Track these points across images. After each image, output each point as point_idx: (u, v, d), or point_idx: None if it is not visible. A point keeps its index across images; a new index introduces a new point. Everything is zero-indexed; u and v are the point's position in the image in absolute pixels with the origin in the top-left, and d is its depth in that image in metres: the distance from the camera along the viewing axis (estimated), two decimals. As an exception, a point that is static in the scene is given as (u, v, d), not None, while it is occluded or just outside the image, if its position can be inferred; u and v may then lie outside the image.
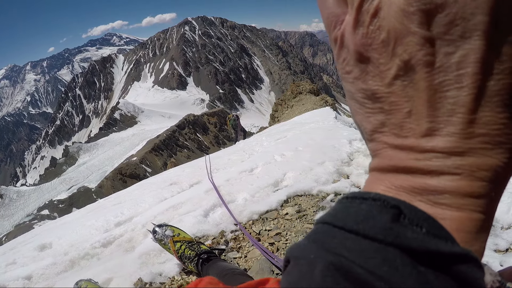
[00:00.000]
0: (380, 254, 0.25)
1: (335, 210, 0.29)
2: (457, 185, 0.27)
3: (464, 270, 0.24)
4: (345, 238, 0.26)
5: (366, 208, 0.27)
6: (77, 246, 3.07)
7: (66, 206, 53.95)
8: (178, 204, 3.55)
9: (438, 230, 0.26)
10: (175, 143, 60.81)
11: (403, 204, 0.27)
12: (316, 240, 0.28)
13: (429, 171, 0.28)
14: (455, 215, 0.27)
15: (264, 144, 6.23)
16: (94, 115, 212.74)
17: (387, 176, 0.31)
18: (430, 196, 0.28)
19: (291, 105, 19.18)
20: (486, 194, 0.27)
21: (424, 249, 0.24)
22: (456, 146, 0.27)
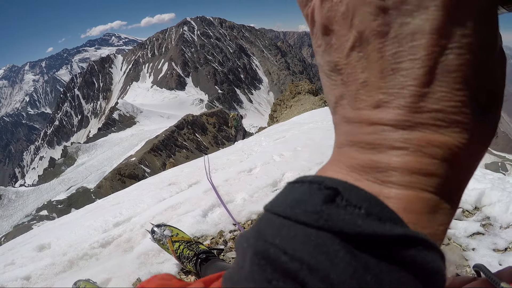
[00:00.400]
0: (311, 240, 0.23)
1: (276, 196, 0.28)
2: (403, 161, 0.26)
3: (411, 254, 0.23)
4: (280, 225, 0.25)
5: (301, 191, 0.26)
6: (75, 247, 3.07)
7: (65, 206, 53.93)
8: (176, 204, 3.55)
9: (380, 210, 0.24)
10: (174, 144, 60.81)
11: (341, 185, 0.25)
12: (255, 228, 0.27)
13: (376, 145, 0.27)
14: (402, 193, 0.26)
15: (263, 144, 6.23)
16: (93, 116, 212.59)
17: (340, 152, 0.30)
18: (378, 174, 0.27)
19: (290, 105, 19.22)
20: (439, 173, 0.26)
21: (358, 232, 0.23)
22: (405, 120, 0.26)
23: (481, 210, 3.69)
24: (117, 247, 2.97)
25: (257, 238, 0.26)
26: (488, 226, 3.26)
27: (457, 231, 3.36)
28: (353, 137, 0.29)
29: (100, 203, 5.54)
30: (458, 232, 3.34)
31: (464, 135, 0.26)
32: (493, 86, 0.26)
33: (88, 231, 3.43)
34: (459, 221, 3.54)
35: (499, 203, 3.55)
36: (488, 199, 3.73)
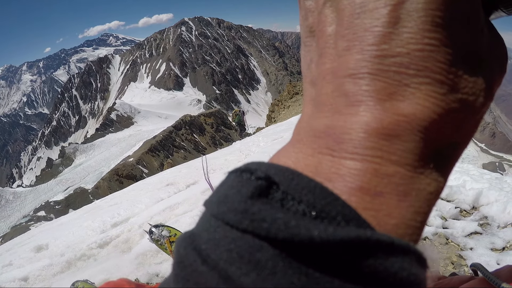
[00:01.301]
0: (236, 246, 0.19)
1: (216, 188, 0.23)
2: (359, 120, 0.21)
3: (370, 264, 0.17)
4: (210, 225, 0.20)
5: (230, 184, 0.21)
6: (73, 247, 3.07)
7: (62, 207, 53.80)
8: (174, 204, 3.55)
9: (327, 204, 0.19)
10: (172, 144, 60.68)
11: (279, 173, 0.20)
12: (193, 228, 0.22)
13: (334, 105, 0.23)
14: (360, 168, 0.20)
15: (261, 145, 6.24)
16: (91, 116, 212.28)
17: (299, 126, 0.26)
18: (331, 142, 0.21)
19: (288, 106, 19.24)
20: (406, 137, 0.21)
21: (290, 237, 0.18)
22: (364, 66, 0.22)
23: (478, 209, 3.70)
24: (115, 247, 2.97)
25: (185, 241, 0.21)
26: (486, 225, 3.27)
27: (455, 230, 3.36)
28: (314, 101, 0.25)
29: (98, 203, 5.54)
30: (456, 231, 3.35)
31: (438, 88, 0.21)
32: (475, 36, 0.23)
33: (86, 231, 3.43)
34: (457, 220, 3.55)
35: (497, 202, 3.57)
36: (486, 198, 3.74)
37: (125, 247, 2.94)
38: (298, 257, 0.18)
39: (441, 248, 3.11)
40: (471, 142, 4.48)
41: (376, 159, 0.20)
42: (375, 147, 0.20)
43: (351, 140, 0.21)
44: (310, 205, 0.19)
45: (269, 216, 0.18)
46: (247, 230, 0.18)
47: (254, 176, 0.20)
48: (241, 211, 0.19)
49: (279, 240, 0.18)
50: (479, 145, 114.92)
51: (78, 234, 3.45)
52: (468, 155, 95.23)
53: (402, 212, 0.20)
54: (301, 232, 0.18)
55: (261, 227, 0.18)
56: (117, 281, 0.53)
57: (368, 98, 0.21)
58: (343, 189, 0.20)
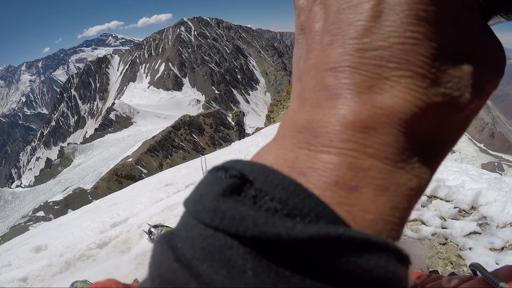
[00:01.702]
0: (208, 244, 0.18)
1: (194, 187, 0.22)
2: (337, 113, 0.21)
3: (344, 261, 0.17)
4: (187, 223, 0.20)
5: (207, 182, 0.21)
6: (72, 248, 3.07)
7: (61, 207, 53.73)
8: (173, 205, 3.55)
9: (299, 200, 0.18)
10: (171, 144, 60.63)
11: (254, 168, 0.20)
12: (175, 227, 0.22)
13: (315, 99, 0.22)
14: (335, 161, 0.20)
15: (260, 145, 6.21)
16: (90, 116, 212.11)
17: (283, 123, 0.25)
18: (309, 137, 0.21)
19: (287, 106, 19.23)
20: (385, 131, 0.20)
21: (258, 234, 0.18)
22: (345, 59, 0.21)
23: (477, 209, 3.70)
24: (114, 248, 2.96)
25: (163, 239, 0.21)
26: (485, 225, 3.28)
27: (454, 230, 3.37)
28: (299, 97, 0.24)
29: (97, 204, 5.53)
30: (455, 231, 3.35)
31: (419, 82, 0.21)
32: (462, 27, 0.22)
33: (85, 232, 3.42)
34: (456, 220, 3.56)
35: (496, 202, 3.57)
36: (485, 198, 3.75)
37: (124, 247, 2.94)
38: (268, 255, 0.17)
39: (440, 248, 3.11)
40: (470, 142, 4.50)
41: (352, 152, 0.20)
42: (351, 140, 0.20)
43: (327, 133, 0.20)
44: (282, 202, 0.18)
45: (238, 213, 0.18)
46: (218, 228, 0.18)
47: (228, 174, 0.20)
48: (212, 209, 0.19)
49: (248, 238, 0.18)
50: (478, 145, 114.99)
51: (77, 234, 3.44)
52: (467, 155, 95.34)
53: (379, 207, 0.19)
54: (269, 230, 0.17)
55: (231, 225, 0.18)
56: (104, 281, 0.56)
57: (347, 91, 0.21)
58: (317, 184, 0.19)
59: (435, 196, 3.97)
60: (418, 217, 3.63)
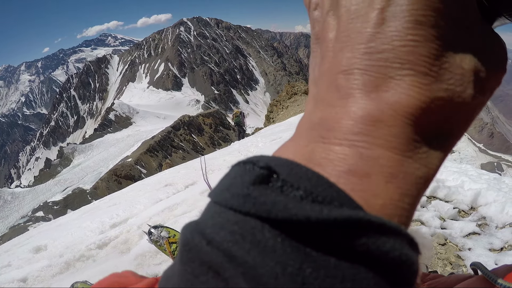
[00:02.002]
0: (238, 227, 0.20)
1: (219, 180, 0.25)
2: (348, 110, 0.23)
3: (363, 242, 0.19)
4: (214, 212, 0.22)
5: (234, 174, 0.23)
6: (72, 248, 3.07)
7: (61, 207, 53.71)
8: (173, 205, 3.55)
9: (323, 190, 0.20)
10: (170, 144, 60.62)
11: (279, 163, 0.22)
12: (199, 217, 0.24)
13: (328, 99, 0.25)
14: (348, 152, 0.22)
15: (260, 145, 6.24)
16: (89, 116, 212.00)
17: (300, 122, 0.27)
18: (323, 131, 0.24)
19: (286, 106, 19.24)
20: (392, 123, 0.22)
21: (288, 217, 0.19)
22: (354, 62, 0.24)
23: (477, 210, 3.71)
24: (114, 248, 2.97)
25: (191, 228, 0.23)
26: (484, 226, 3.28)
27: (453, 231, 3.37)
28: (315, 99, 0.27)
29: (96, 204, 5.53)
30: (454, 232, 3.36)
31: (421, 79, 0.23)
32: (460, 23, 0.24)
33: (84, 232, 3.42)
34: (455, 221, 3.56)
35: (495, 203, 3.58)
36: (484, 199, 3.75)
37: (124, 248, 2.94)
38: (296, 236, 0.19)
39: (439, 248, 3.11)
40: (470, 142, 4.50)
41: (363, 143, 0.22)
42: (362, 132, 0.22)
43: (340, 127, 0.23)
44: (306, 191, 0.20)
45: (269, 199, 0.20)
46: (249, 213, 0.20)
47: (256, 166, 0.22)
48: (243, 195, 0.21)
49: (279, 220, 0.19)
50: (477, 145, 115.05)
51: (77, 235, 3.44)
52: (467, 155, 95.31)
53: (389, 193, 0.21)
54: (299, 213, 0.19)
55: (263, 209, 0.20)
56: (122, 272, 0.57)
57: (357, 91, 0.23)
58: (332, 173, 0.22)
59: (435, 197, 3.97)
60: (417, 217, 3.63)
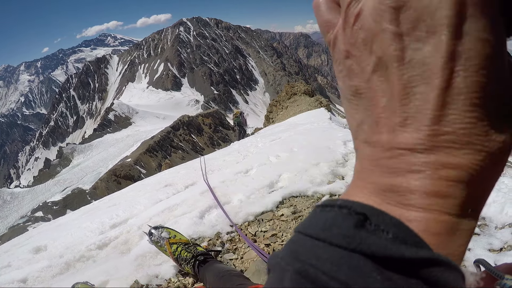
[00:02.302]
0: (346, 261, 0.25)
1: (307, 219, 0.31)
2: (421, 184, 0.27)
3: (435, 275, 0.24)
4: (313, 246, 0.27)
5: (332, 216, 0.28)
6: (72, 249, 3.07)
7: (60, 208, 53.74)
8: (173, 205, 3.55)
9: (406, 234, 0.26)
10: (170, 144, 60.68)
11: (369, 210, 0.27)
12: (289, 248, 0.29)
13: (396, 169, 0.28)
14: (422, 216, 0.27)
15: (259, 146, 6.24)
16: (88, 116, 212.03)
17: (361, 177, 0.32)
18: (398, 197, 0.28)
19: (286, 106, 19.22)
20: (455, 195, 0.27)
21: (387, 255, 0.25)
22: (420, 143, 0.27)
23: (476, 210, 3.72)
24: (114, 249, 2.97)
25: (294, 258, 0.28)
26: (484, 226, 3.28)
27: (453, 231, 3.38)
28: (374, 162, 0.30)
29: (96, 204, 5.53)
30: (454, 232, 3.37)
31: (477, 156, 0.27)
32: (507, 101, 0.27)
33: (84, 232, 3.42)
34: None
35: (494, 203, 3.58)
36: (483, 200, 3.76)
37: (124, 248, 2.93)
38: (391, 269, 0.24)
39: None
40: (469, 144, 4.53)
41: (434, 211, 0.27)
42: (434, 203, 0.27)
43: (416, 198, 0.27)
44: (394, 234, 0.25)
45: (371, 241, 0.25)
46: (355, 250, 0.25)
47: (352, 211, 0.27)
48: (349, 236, 0.26)
49: (380, 257, 0.25)
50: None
51: (76, 235, 3.44)
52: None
53: (451, 245, 0.27)
54: (395, 252, 0.25)
55: (368, 249, 0.25)
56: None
57: (426, 168, 0.27)
58: (413, 230, 0.27)
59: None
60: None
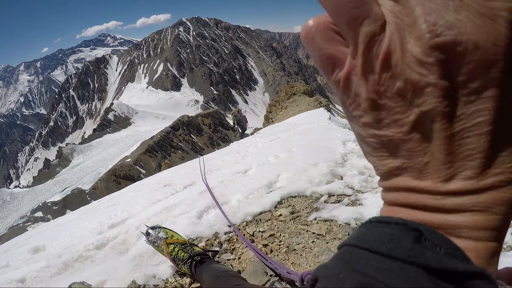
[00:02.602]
0: (404, 273, 0.26)
1: (360, 233, 0.31)
2: (473, 220, 0.29)
3: (479, 286, 0.26)
4: (371, 259, 0.28)
5: (390, 231, 0.29)
6: (70, 249, 3.07)
7: (60, 208, 53.65)
8: (171, 205, 3.55)
9: (456, 251, 0.27)
10: (169, 144, 60.57)
11: (423, 227, 0.29)
12: (343, 260, 0.30)
13: (446, 209, 0.30)
14: (472, 245, 0.29)
15: (258, 145, 6.24)
16: (88, 116, 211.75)
17: (403, 210, 0.32)
18: (449, 230, 0.30)
19: (285, 106, 19.20)
20: (501, 226, 0.29)
21: (443, 268, 0.26)
22: (473, 187, 0.28)
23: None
24: (112, 249, 2.97)
25: (352, 270, 0.29)
26: (482, 226, 3.28)
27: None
28: (418, 201, 0.31)
29: (95, 204, 5.53)
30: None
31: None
32: None
33: (83, 233, 3.42)
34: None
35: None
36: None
37: (122, 248, 2.93)
38: (445, 280, 0.26)
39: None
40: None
41: (483, 241, 0.29)
42: (483, 235, 0.29)
43: (468, 232, 0.29)
44: (446, 250, 0.27)
45: (428, 254, 0.27)
46: (414, 263, 0.27)
47: (409, 227, 0.29)
48: (409, 250, 0.27)
49: (436, 270, 0.26)
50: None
51: (75, 235, 3.44)
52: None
53: (492, 266, 0.30)
54: (450, 265, 0.26)
55: (425, 262, 0.26)
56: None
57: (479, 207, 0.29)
58: None
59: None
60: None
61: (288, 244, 2.69)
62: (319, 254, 2.51)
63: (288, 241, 2.73)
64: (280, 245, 2.69)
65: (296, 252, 2.59)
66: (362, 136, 0.33)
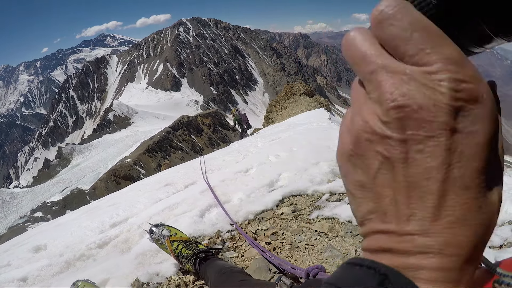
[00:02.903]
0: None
1: (339, 273, 0.34)
2: (429, 262, 0.30)
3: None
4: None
5: (361, 274, 0.31)
6: (72, 247, 3.07)
7: (59, 208, 53.67)
8: (173, 204, 3.55)
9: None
10: (169, 145, 60.63)
11: (391, 271, 0.30)
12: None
13: (406, 252, 0.32)
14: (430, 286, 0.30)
15: (259, 145, 6.24)
16: (88, 116, 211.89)
17: (375, 256, 0.34)
18: (410, 272, 0.31)
19: (285, 106, 19.22)
20: (457, 267, 0.30)
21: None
22: (427, 229, 0.31)
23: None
24: (114, 247, 2.97)
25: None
26: (484, 225, 3.28)
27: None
28: (384, 245, 0.33)
29: (96, 204, 5.52)
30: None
31: (472, 231, 0.30)
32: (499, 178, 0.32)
33: (84, 232, 3.42)
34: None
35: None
36: (483, 198, 3.77)
37: (125, 247, 2.93)
38: None
39: None
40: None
41: (440, 282, 0.30)
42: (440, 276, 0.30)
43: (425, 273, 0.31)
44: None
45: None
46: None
47: (377, 271, 0.31)
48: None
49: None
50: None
51: (76, 234, 3.44)
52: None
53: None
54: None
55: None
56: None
57: (433, 250, 0.31)
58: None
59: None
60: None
61: (291, 242, 2.70)
62: (322, 251, 2.52)
63: (291, 239, 2.73)
64: (283, 242, 2.70)
65: (299, 249, 2.60)
66: (346, 184, 0.37)
